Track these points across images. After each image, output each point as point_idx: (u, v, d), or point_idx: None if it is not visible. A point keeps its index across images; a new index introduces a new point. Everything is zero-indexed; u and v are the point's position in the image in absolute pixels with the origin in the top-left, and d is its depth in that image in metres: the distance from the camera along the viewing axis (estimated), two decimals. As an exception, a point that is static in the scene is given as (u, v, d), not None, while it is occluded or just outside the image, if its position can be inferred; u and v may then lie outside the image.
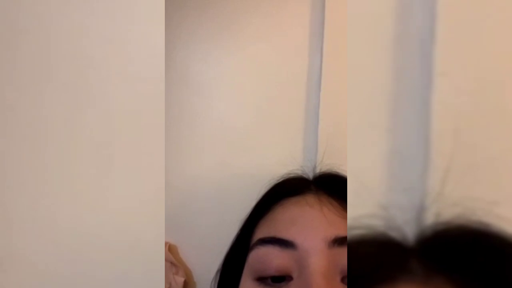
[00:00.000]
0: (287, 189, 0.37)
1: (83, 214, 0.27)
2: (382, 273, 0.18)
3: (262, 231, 0.34)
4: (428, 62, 0.35)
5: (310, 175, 0.40)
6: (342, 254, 0.29)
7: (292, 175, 0.40)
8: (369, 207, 0.23)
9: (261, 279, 0.31)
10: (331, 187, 0.35)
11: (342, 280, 0.29)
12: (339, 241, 0.29)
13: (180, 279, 0.59)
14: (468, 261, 0.18)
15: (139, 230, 0.27)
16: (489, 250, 0.18)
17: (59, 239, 0.27)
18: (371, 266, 0.18)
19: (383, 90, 0.37)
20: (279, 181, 0.39)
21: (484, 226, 0.19)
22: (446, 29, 0.35)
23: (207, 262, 0.42)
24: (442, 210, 0.20)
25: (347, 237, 0.20)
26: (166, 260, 0.60)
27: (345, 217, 0.31)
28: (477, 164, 0.33)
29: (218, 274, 0.39)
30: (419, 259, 0.18)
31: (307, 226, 0.31)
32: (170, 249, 0.61)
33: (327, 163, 0.41)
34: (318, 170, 0.40)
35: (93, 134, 0.27)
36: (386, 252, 0.19)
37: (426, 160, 0.35)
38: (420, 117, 0.35)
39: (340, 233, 0.30)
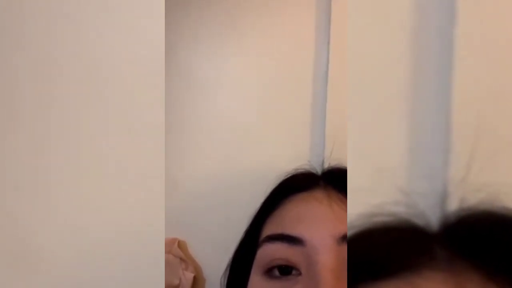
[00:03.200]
0: (295, 185, 0.36)
1: (83, 211, 0.27)
2: (406, 260, 0.18)
3: (270, 228, 0.34)
4: (448, 45, 0.34)
5: (318, 170, 0.39)
6: None
7: (300, 170, 0.40)
8: (391, 193, 0.22)
9: (269, 271, 0.31)
10: (340, 182, 0.34)
11: None
12: None
13: (190, 275, 0.60)
14: (492, 246, 0.17)
15: (139, 228, 0.27)
16: None
17: (60, 238, 0.27)
18: (395, 253, 0.18)
19: (403, 74, 0.36)
20: (287, 176, 0.39)
21: (509, 211, 0.19)
22: (466, 10, 0.34)
23: (216, 257, 0.42)
24: (466, 196, 0.20)
25: (347, 226, 0.20)
26: (175, 256, 0.60)
27: None
28: (500, 149, 0.33)
29: (228, 270, 0.39)
30: (443, 245, 0.18)
31: (315, 222, 0.31)
32: (180, 245, 0.62)
33: (335, 158, 0.41)
34: (326, 165, 0.40)
35: (94, 132, 0.27)
36: (410, 239, 0.19)
37: (448, 145, 0.34)
38: (442, 101, 0.35)
39: None
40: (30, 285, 0.27)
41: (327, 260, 0.28)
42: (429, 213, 0.20)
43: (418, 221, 0.20)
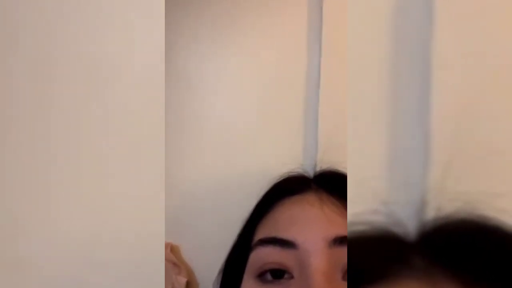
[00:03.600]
0: (287, 188, 0.37)
1: (82, 214, 0.27)
2: (384, 269, 0.18)
3: (262, 231, 0.34)
4: (426, 56, 0.35)
5: (310, 173, 0.40)
6: (343, 253, 0.29)
7: (292, 173, 0.40)
8: (370, 203, 0.23)
9: (261, 275, 0.31)
10: (332, 185, 0.35)
11: (343, 278, 0.29)
12: (340, 240, 0.29)
13: (183, 280, 0.59)
14: (469, 255, 0.18)
15: (139, 230, 0.27)
16: (490, 244, 0.18)
17: (59, 240, 0.27)
18: (373, 262, 0.18)
19: (382, 86, 0.36)
20: (279, 180, 0.39)
21: (486, 219, 0.19)
22: (444, 21, 0.35)
23: (210, 262, 0.41)
24: (443, 204, 0.20)
25: (347, 234, 0.20)
26: (168, 260, 0.60)
27: (346, 216, 0.31)
28: (478, 158, 0.33)
29: (221, 274, 0.39)
30: (421, 254, 0.18)
31: (307, 225, 0.31)
32: (172, 249, 0.61)
33: (327, 161, 0.41)
34: (318, 168, 0.40)
35: (93, 134, 0.27)
36: (388, 248, 0.19)
37: (426, 154, 0.35)
38: (420, 112, 0.35)
39: (341, 232, 0.30)
40: (27, 286, 0.27)
41: (319, 263, 0.28)
42: (406, 222, 0.20)
43: (396, 229, 0.20)
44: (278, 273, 0.30)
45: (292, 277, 0.30)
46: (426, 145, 0.33)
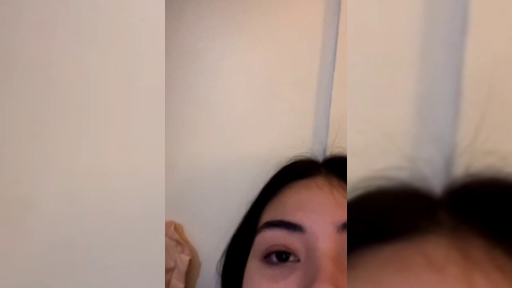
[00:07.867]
0: (295, 172, 0.36)
1: (83, 191, 0.26)
2: (409, 223, 0.18)
3: (269, 214, 0.33)
4: (463, 8, 0.33)
5: (320, 157, 0.39)
6: None
7: (301, 157, 0.39)
8: (396, 159, 0.22)
9: (266, 257, 0.30)
10: (343, 170, 0.34)
11: None
12: None
13: (186, 258, 0.60)
14: (498, 213, 0.17)
15: (139, 209, 0.27)
16: None
17: (58, 223, 0.27)
18: (398, 216, 0.18)
19: (413, 34, 0.34)
20: (288, 163, 0.38)
21: None
22: None
23: (212, 242, 0.41)
24: (472, 162, 0.19)
25: (348, 189, 0.19)
26: (172, 238, 0.60)
27: None
28: (510, 115, 0.32)
29: (224, 256, 0.38)
30: (447, 210, 0.18)
31: (316, 209, 0.30)
32: (176, 228, 0.62)
33: (338, 146, 0.40)
34: (328, 153, 0.39)
35: (95, 118, 0.27)
36: (413, 202, 0.19)
37: (456, 110, 0.33)
38: (453, 65, 0.33)
39: None
40: (25, 253, 0.27)
41: (327, 248, 0.28)
42: (433, 179, 0.19)
43: (421, 186, 0.19)
44: (284, 256, 0.30)
45: (298, 260, 0.29)
46: (458, 100, 0.32)
